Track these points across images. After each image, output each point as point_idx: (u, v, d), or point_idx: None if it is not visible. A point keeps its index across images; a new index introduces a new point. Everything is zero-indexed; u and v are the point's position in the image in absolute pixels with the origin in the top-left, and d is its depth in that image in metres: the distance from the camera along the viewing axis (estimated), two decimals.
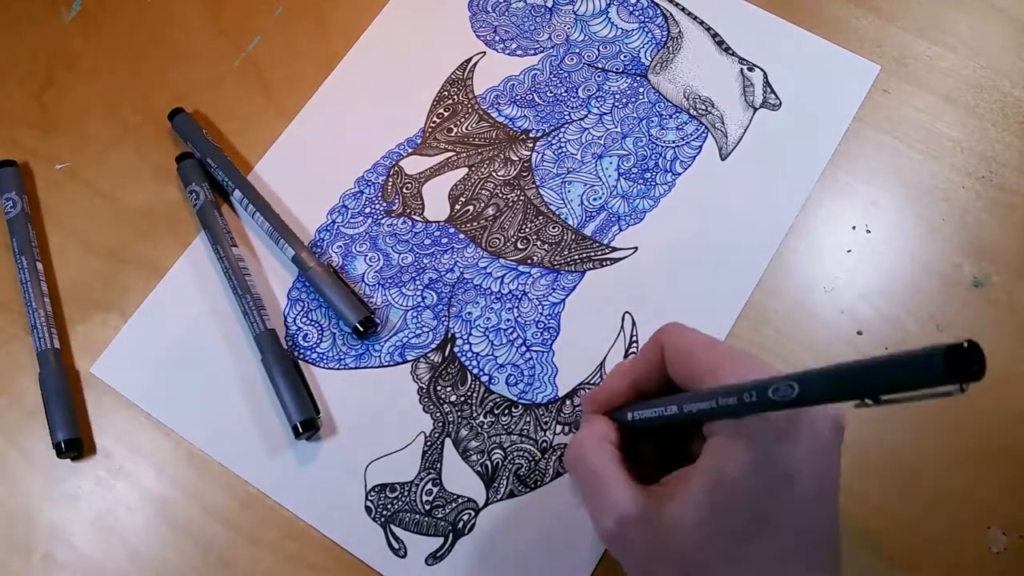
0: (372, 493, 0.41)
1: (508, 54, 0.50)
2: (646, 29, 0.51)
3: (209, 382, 0.43)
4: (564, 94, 0.49)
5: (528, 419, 0.42)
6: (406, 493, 0.41)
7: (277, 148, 0.48)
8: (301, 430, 0.41)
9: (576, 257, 0.46)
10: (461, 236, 0.46)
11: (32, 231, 0.46)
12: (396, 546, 0.40)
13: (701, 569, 0.30)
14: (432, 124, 0.49)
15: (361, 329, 0.43)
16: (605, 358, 0.43)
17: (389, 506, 0.41)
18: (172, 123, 0.48)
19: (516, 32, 0.51)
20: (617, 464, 0.33)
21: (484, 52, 0.50)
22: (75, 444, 0.41)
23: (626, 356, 0.43)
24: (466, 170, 0.48)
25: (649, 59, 0.50)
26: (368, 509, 0.41)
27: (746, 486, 0.30)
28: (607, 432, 0.34)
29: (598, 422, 0.35)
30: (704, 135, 0.48)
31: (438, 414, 0.43)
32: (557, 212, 0.47)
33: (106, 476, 0.42)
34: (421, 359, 0.44)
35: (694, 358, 0.32)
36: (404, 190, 0.47)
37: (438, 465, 0.42)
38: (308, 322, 0.44)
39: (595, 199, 0.47)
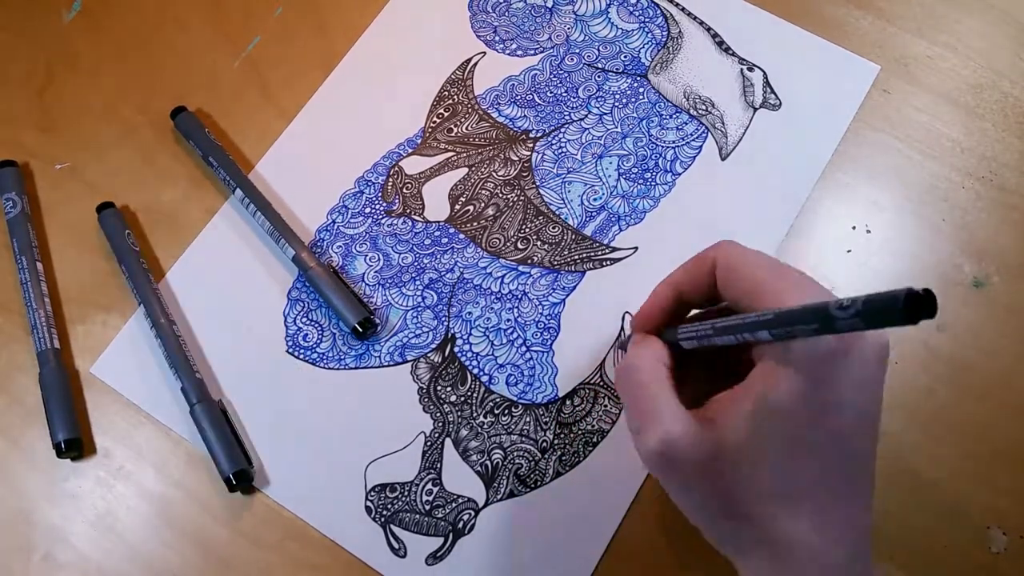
0: (372, 493, 0.41)
1: (508, 54, 0.50)
2: (646, 29, 0.51)
3: (209, 382, 0.43)
4: (564, 94, 0.49)
5: (528, 419, 0.42)
6: (406, 493, 0.41)
7: (277, 148, 0.48)
8: (235, 482, 0.40)
9: (576, 257, 0.46)
10: (461, 236, 0.46)
11: (32, 231, 0.46)
12: (396, 546, 0.40)
13: (743, 492, 0.31)
14: (432, 124, 0.49)
15: (360, 330, 0.43)
16: (605, 358, 0.43)
17: (389, 506, 0.41)
18: (175, 122, 0.48)
19: (516, 32, 0.51)
20: (667, 385, 0.32)
21: (484, 52, 0.50)
22: (75, 444, 0.41)
23: None
24: (466, 170, 0.48)
25: (649, 59, 0.50)
26: (368, 509, 0.41)
27: (793, 413, 0.30)
28: (659, 353, 0.34)
29: (651, 342, 0.34)
30: (704, 135, 0.48)
31: (438, 414, 0.43)
32: (557, 212, 0.47)
33: (106, 476, 0.42)
34: (421, 359, 0.44)
35: (752, 278, 0.32)
36: (404, 190, 0.47)
37: (438, 465, 0.42)
38: (308, 322, 0.44)
39: (595, 199, 0.47)
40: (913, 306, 0.24)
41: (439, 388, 0.43)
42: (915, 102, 0.49)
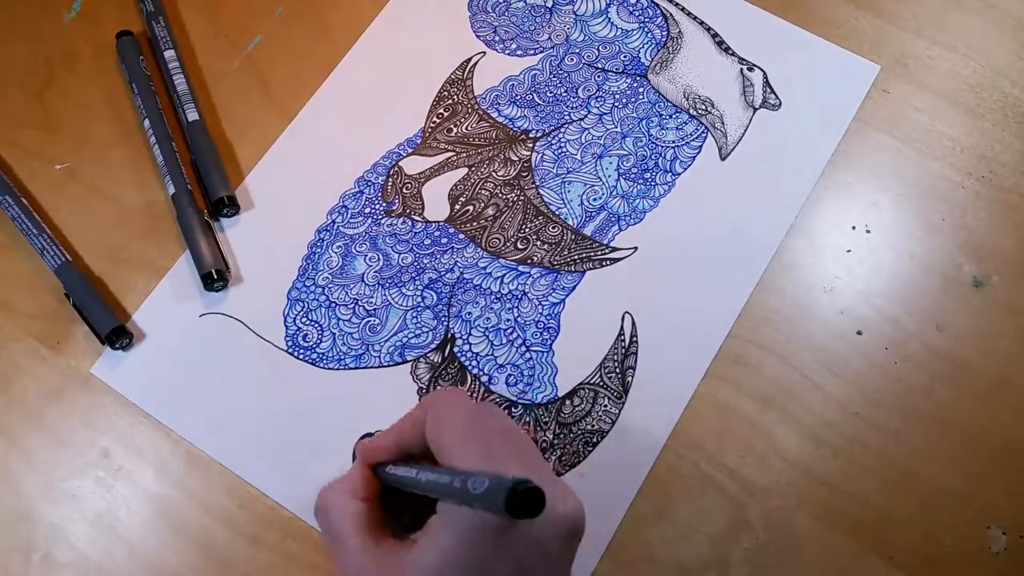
0: None
1: (508, 54, 0.50)
2: (646, 29, 0.51)
3: (209, 382, 0.43)
4: (564, 94, 0.49)
5: (528, 419, 0.42)
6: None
7: (277, 148, 0.48)
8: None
9: (576, 257, 0.46)
10: (461, 236, 0.46)
11: None
12: None
13: None
14: (432, 124, 0.49)
15: (210, 280, 0.44)
16: (605, 358, 0.43)
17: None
18: (118, 43, 0.49)
19: (516, 32, 0.51)
20: (355, 519, 0.32)
21: (484, 52, 0.50)
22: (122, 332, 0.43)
23: (626, 356, 0.43)
24: (466, 170, 0.48)
25: (649, 59, 0.50)
26: None
27: (455, 574, 0.29)
28: (356, 485, 0.33)
29: (353, 474, 0.34)
30: (704, 135, 0.48)
31: None
32: (557, 212, 0.47)
33: (106, 476, 0.42)
34: (421, 359, 0.44)
35: (442, 432, 0.31)
36: (404, 190, 0.47)
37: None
38: (308, 322, 0.44)
39: (595, 199, 0.47)
40: (516, 501, 0.23)
41: (439, 388, 0.43)
42: (915, 102, 0.49)
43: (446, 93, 0.49)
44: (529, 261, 0.46)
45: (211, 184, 0.46)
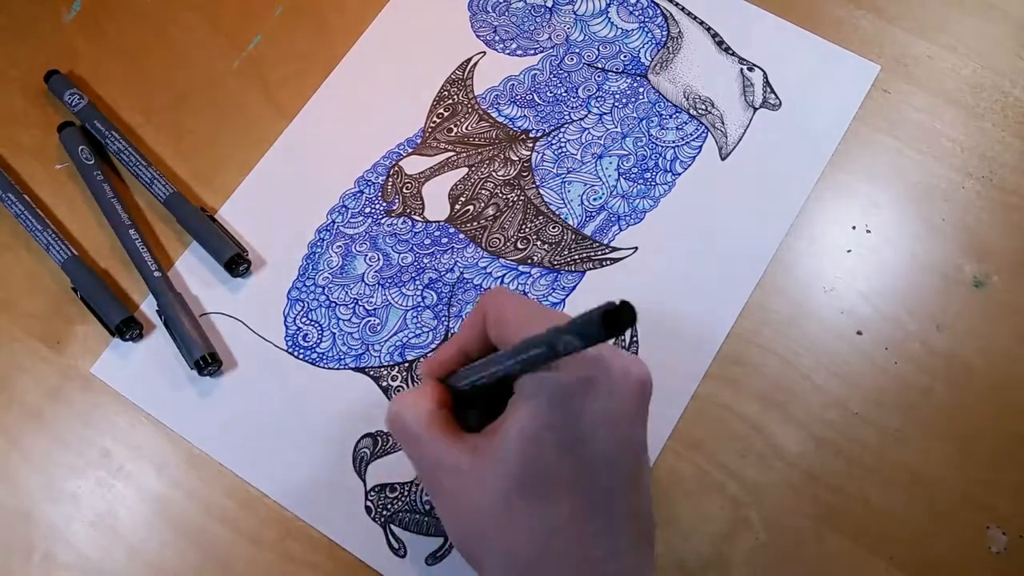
0: (372, 493, 0.41)
1: (508, 54, 0.50)
2: (646, 29, 0.51)
3: (209, 382, 0.43)
4: (564, 94, 0.49)
5: None
6: (406, 493, 0.41)
7: (277, 148, 0.48)
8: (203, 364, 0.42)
9: (576, 257, 0.46)
10: (461, 236, 0.46)
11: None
12: (396, 546, 0.40)
13: (496, 524, 0.31)
14: (432, 124, 0.49)
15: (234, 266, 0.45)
16: None
17: (389, 506, 0.41)
18: (48, 84, 0.49)
19: (516, 32, 0.51)
20: (431, 419, 0.33)
21: (484, 52, 0.50)
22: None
23: None
24: (466, 170, 0.48)
25: (649, 59, 0.50)
26: (368, 509, 0.41)
27: (538, 445, 0.30)
28: (427, 392, 0.34)
29: (423, 386, 0.35)
30: (704, 135, 0.48)
31: None
32: (557, 212, 0.47)
33: (106, 476, 0.42)
34: (421, 359, 0.44)
35: (506, 320, 0.33)
36: (404, 190, 0.47)
37: None
38: (308, 322, 0.44)
39: (595, 199, 0.47)
40: (611, 319, 0.25)
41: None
42: (915, 102, 0.49)
43: (446, 93, 0.49)
44: (529, 261, 0.46)
45: (214, 250, 0.45)
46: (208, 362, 0.42)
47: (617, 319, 0.26)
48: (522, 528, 0.30)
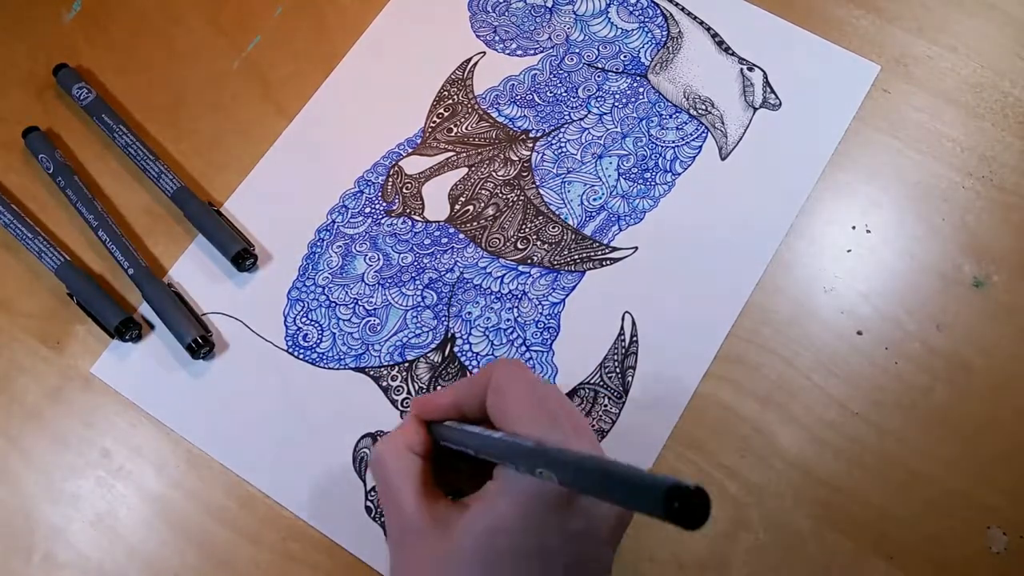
0: (372, 493, 0.41)
1: (508, 54, 0.50)
2: (646, 29, 0.51)
3: (209, 382, 0.43)
4: (564, 94, 0.49)
5: None
6: None
7: (277, 148, 0.48)
8: (196, 347, 0.43)
9: (576, 257, 0.46)
10: (461, 236, 0.46)
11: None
12: None
13: None
14: (432, 124, 0.49)
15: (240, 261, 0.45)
16: (605, 358, 0.43)
17: None
18: (57, 77, 0.49)
19: (516, 32, 0.51)
20: (412, 474, 0.32)
21: (484, 52, 0.50)
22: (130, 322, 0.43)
23: (626, 356, 0.43)
24: (466, 170, 0.48)
25: (649, 59, 0.50)
26: (368, 509, 0.41)
27: (496, 548, 0.29)
28: (413, 441, 0.34)
29: (409, 428, 0.34)
30: (704, 135, 0.48)
31: None
32: (557, 212, 0.47)
33: (106, 476, 0.42)
34: (421, 359, 0.44)
35: (506, 399, 0.32)
36: (404, 190, 0.47)
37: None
38: (308, 322, 0.44)
39: (595, 199, 0.47)
40: (681, 502, 0.20)
41: (439, 388, 0.43)
42: (915, 102, 0.49)
43: (446, 93, 0.49)
44: (529, 261, 0.46)
45: (221, 244, 0.45)
46: (200, 344, 0.42)
47: (691, 507, 0.20)
48: None
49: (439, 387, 0.43)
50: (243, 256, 0.45)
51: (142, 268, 0.44)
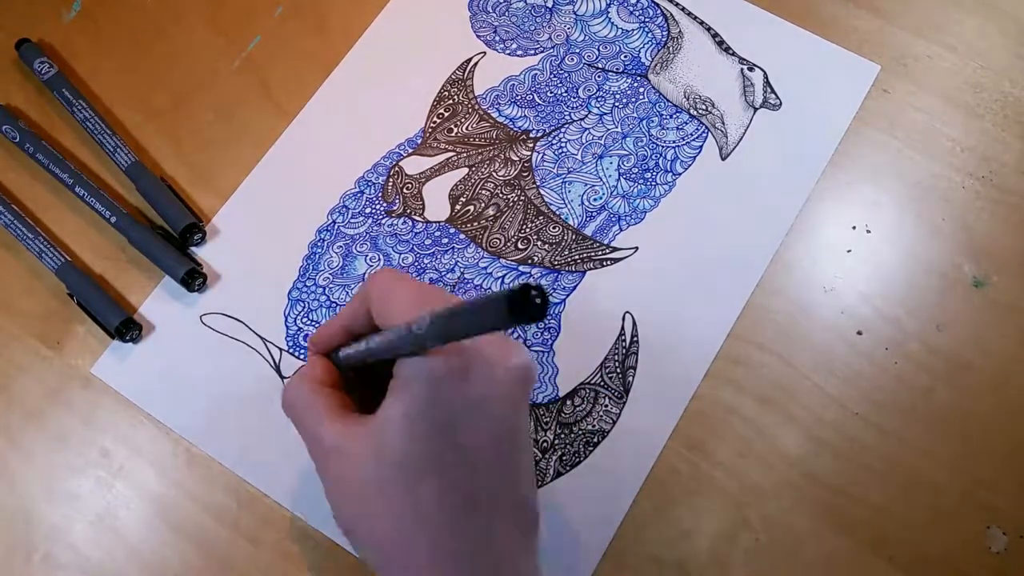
0: None
1: (508, 54, 0.50)
2: (646, 29, 0.51)
3: (209, 382, 0.43)
4: (564, 94, 0.49)
5: (529, 419, 0.42)
6: None
7: (277, 148, 0.48)
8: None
9: (576, 257, 0.46)
10: (461, 236, 0.46)
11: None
12: None
13: (370, 511, 0.31)
14: (432, 124, 0.49)
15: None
16: (605, 358, 0.43)
17: None
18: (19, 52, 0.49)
19: (516, 32, 0.51)
20: (320, 403, 0.33)
21: (484, 52, 0.50)
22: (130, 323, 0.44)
23: (627, 356, 0.43)
24: (466, 170, 0.48)
25: (649, 59, 0.50)
26: None
27: (406, 431, 0.30)
28: (315, 373, 0.35)
29: (312, 364, 0.35)
30: (704, 135, 0.48)
31: None
32: (557, 212, 0.47)
33: (106, 476, 0.42)
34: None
35: (390, 304, 0.32)
36: (404, 190, 0.47)
37: None
38: (309, 322, 0.44)
39: (595, 199, 0.47)
40: (519, 298, 0.23)
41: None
42: (915, 102, 0.49)
43: (446, 93, 0.49)
44: (530, 261, 0.46)
45: (169, 218, 0.46)
46: (194, 276, 0.43)
47: (529, 301, 0.23)
48: (392, 515, 0.30)
49: None
50: (191, 231, 0.45)
51: (124, 215, 0.45)
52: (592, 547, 0.40)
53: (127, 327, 0.43)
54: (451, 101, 0.49)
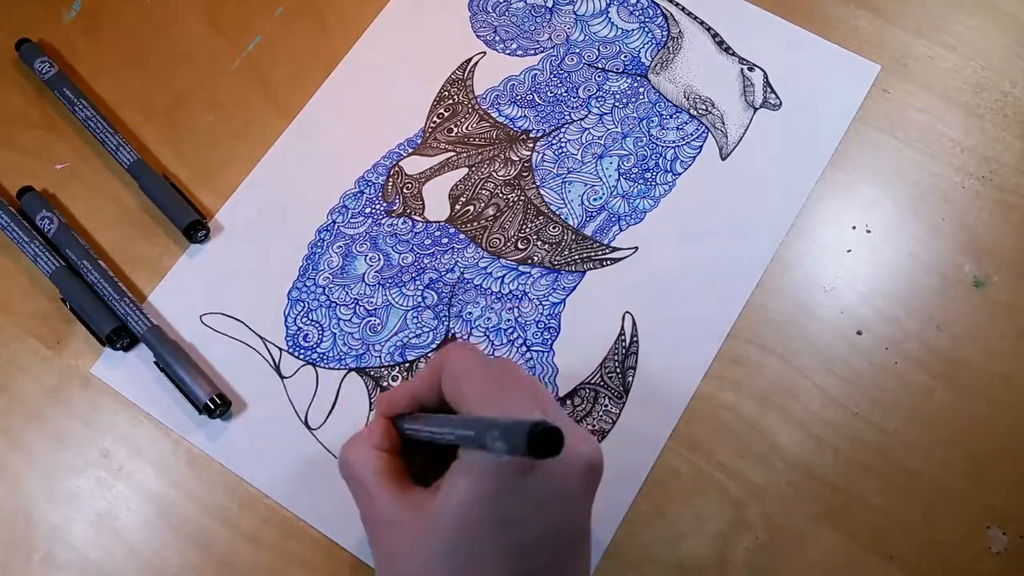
0: None
1: (508, 54, 0.50)
2: (646, 29, 0.51)
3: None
4: (564, 94, 0.49)
5: None
6: None
7: (277, 148, 0.48)
8: (213, 406, 0.42)
9: (576, 257, 0.46)
10: (461, 236, 0.46)
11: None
12: None
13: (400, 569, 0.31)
14: (432, 124, 0.49)
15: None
16: (605, 358, 0.43)
17: None
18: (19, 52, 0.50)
19: (516, 32, 0.51)
20: (380, 469, 0.33)
21: (484, 52, 0.50)
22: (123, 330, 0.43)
23: (626, 356, 0.43)
24: (466, 170, 0.48)
25: (649, 59, 0.50)
26: None
27: (468, 519, 0.30)
28: (379, 438, 0.34)
29: (373, 426, 0.35)
30: (704, 135, 0.48)
31: None
32: (557, 212, 0.47)
33: (106, 476, 0.42)
34: (422, 359, 0.44)
35: (460, 384, 0.32)
36: (404, 190, 0.47)
37: None
38: (308, 322, 0.44)
39: (595, 199, 0.47)
40: (537, 441, 0.24)
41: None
42: (915, 102, 0.49)
43: (446, 93, 0.49)
44: (529, 261, 0.46)
45: (173, 215, 0.46)
46: (217, 403, 0.42)
47: (543, 443, 0.25)
48: None
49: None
50: (195, 227, 0.45)
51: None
52: (592, 547, 0.40)
53: (118, 335, 0.43)
54: (451, 101, 0.49)
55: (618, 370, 0.43)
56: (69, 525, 0.41)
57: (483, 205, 0.47)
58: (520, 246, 0.46)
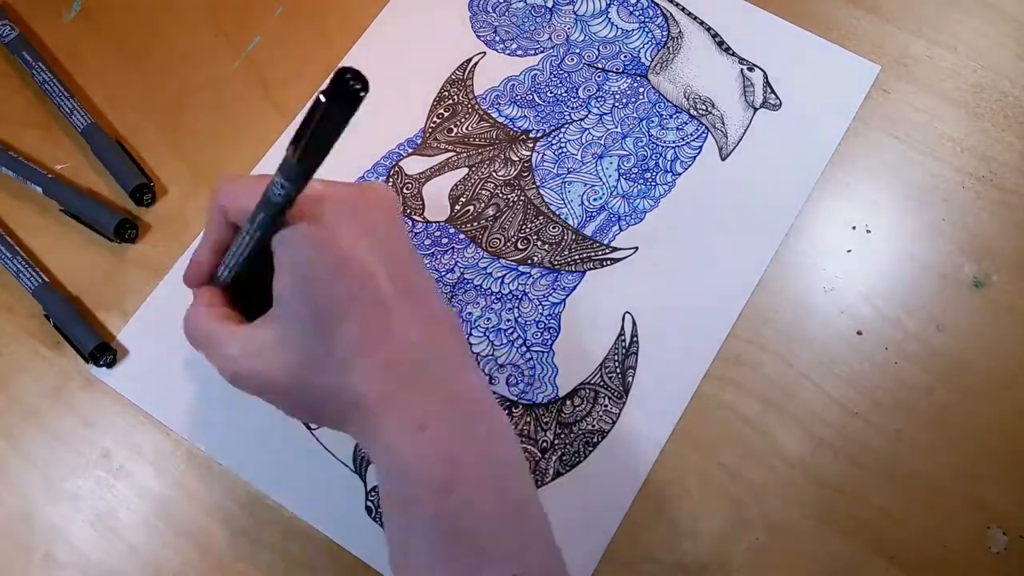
0: (372, 493, 0.41)
1: (508, 54, 0.50)
2: (646, 29, 0.51)
3: (209, 382, 0.43)
4: (564, 94, 0.49)
5: (528, 419, 0.42)
6: None
7: (277, 148, 0.48)
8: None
9: (576, 257, 0.46)
10: (461, 236, 0.46)
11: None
12: None
13: (304, 375, 0.32)
14: (432, 124, 0.49)
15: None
16: (605, 358, 0.43)
17: None
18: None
19: (516, 32, 0.51)
20: (219, 318, 0.35)
21: (484, 52, 0.50)
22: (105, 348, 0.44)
23: (626, 356, 0.43)
24: (466, 170, 0.48)
25: (649, 59, 0.50)
26: (368, 509, 0.41)
27: (303, 287, 0.32)
28: (205, 299, 0.36)
29: (198, 294, 0.37)
30: (704, 135, 0.48)
31: None
32: (557, 212, 0.47)
33: (106, 476, 0.42)
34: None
35: (237, 193, 0.34)
36: (404, 190, 0.47)
37: None
38: None
39: (595, 199, 0.47)
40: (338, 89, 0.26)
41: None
42: (915, 102, 0.49)
43: (446, 93, 0.49)
44: (529, 261, 0.46)
45: (121, 177, 0.47)
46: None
47: (342, 88, 0.26)
48: (322, 370, 0.32)
49: None
50: (141, 191, 0.46)
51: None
52: (592, 547, 0.40)
53: (101, 352, 0.43)
54: (451, 101, 0.49)
55: (618, 370, 0.43)
56: (69, 525, 0.41)
57: (483, 205, 0.47)
58: (520, 246, 0.46)
